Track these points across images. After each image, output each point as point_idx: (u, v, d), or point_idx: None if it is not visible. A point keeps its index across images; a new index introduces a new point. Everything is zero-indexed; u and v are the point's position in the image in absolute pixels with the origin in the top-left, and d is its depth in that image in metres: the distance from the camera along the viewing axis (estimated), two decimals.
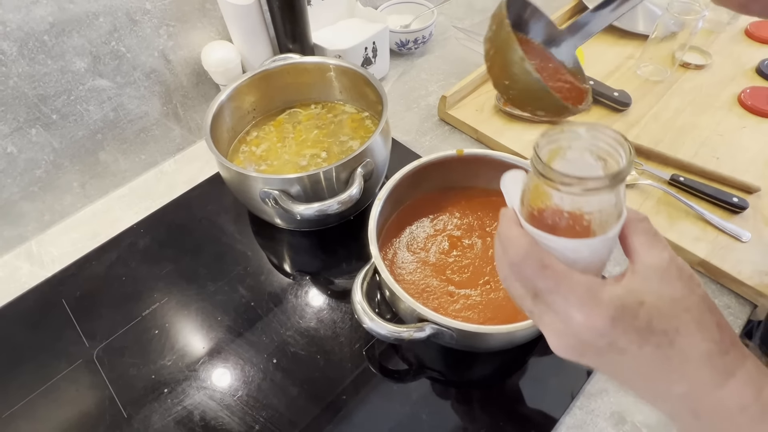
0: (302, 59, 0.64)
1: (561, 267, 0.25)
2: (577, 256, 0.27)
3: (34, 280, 0.58)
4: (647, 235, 0.27)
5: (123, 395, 0.48)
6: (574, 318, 0.25)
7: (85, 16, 0.53)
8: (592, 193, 0.25)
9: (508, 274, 0.28)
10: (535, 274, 0.26)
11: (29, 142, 0.56)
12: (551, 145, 0.27)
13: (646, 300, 0.24)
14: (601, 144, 0.26)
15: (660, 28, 0.71)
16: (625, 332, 0.24)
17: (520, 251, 0.26)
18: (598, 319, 0.24)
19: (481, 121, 0.71)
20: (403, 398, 0.47)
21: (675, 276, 0.25)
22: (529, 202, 0.28)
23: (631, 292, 0.24)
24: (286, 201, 0.50)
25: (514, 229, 0.27)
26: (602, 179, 0.24)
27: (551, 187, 0.25)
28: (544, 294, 0.26)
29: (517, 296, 0.28)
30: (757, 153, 0.65)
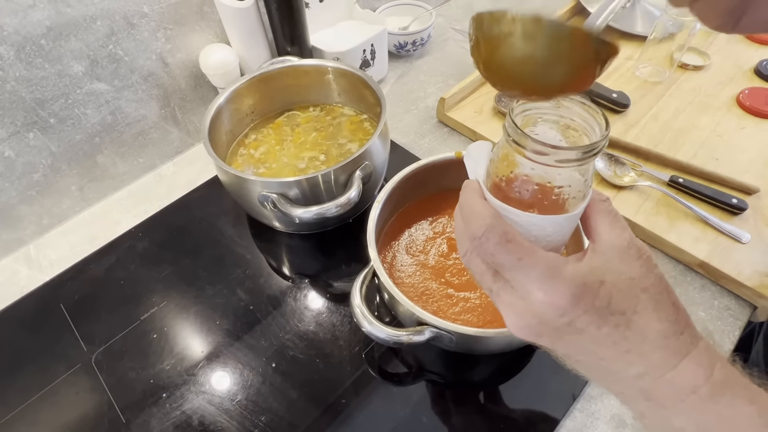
0: (300, 62, 0.64)
1: (525, 242, 0.25)
2: (540, 232, 0.26)
3: (33, 284, 0.58)
4: (609, 215, 0.26)
5: (121, 400, 0.48)
6: (534, 295, 0.24)
7: (83, 20, 0.53)
8: (564, 165, 0.24)
9: (469, 248, 0.27)
10: (497, 248, 0.25)
11: (27, 146, 0.56)
12: (524, 114, 0.26)
13: (606, 279, 0.24)
14: (575, 118, 0.26)
15: (658, 29, 0.71)
16: (585, 312, 0.23)
17: (482, 224, 0.25)
18: (559, 296, 0.23)
19: (479, 123, 0.71)
20: (402, 401, 0.47)
21: (634, 256, 0.25)
22: (496, 173, 0.27)
23: (592, 271, 0.24)
24: (284, 204, 0.50)
25: (477, 201, 0.27)
26: (575, 151, 0.24)
27: (522, 155, 0.25)
28: (505, 269, 0.25)
29: (476, 272, 0.27)
30: (757, 154, 0.65)
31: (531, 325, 0.25)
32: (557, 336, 0.25)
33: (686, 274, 0.55)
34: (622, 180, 0.62)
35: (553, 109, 0.26)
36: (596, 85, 0.71)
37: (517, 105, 0.26)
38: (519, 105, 0.26)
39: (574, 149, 0.24)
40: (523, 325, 0.25)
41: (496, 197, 0.27)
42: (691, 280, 0.55)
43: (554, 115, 0.27)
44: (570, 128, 0.27)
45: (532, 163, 0.25)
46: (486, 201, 0.27)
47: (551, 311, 0.24)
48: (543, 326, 0.25)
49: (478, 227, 0.25)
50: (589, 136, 0.26)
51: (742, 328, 0.52)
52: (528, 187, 0.26)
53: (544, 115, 0.27)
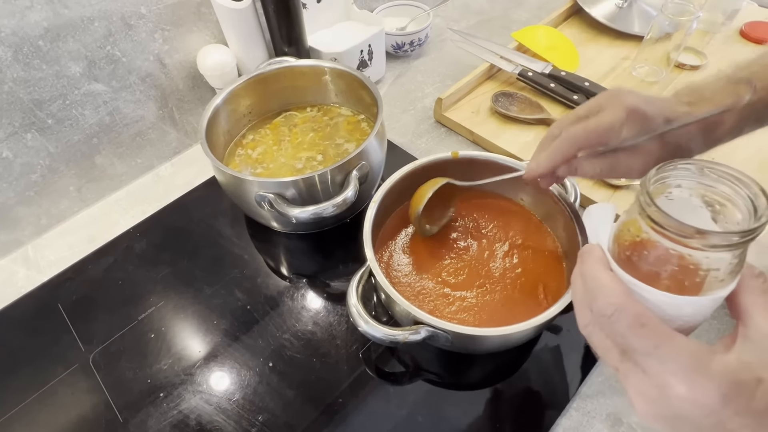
0: (298, 62, 0.64)
1: (661, 327, 0.22)
2: (676, 312, 0.24)
3: (31, 285, 0.58)
4: (764, 295, 0.23)
5: (119, 399, 0.48)
6: (674, 389, 0.22)
7: (80, 21, 0.54)
8: (714, 250, 0.21)
9: (592, 323, 0.25)
10: (630, 332, 0.23)
11: (25, 147, 0.56)
12: (660, 181, 0.24)
13: (764, 377, 0.21)
14: (719, 186, 0.23)
15: (655, 29, 0.71)
16: (738, 414, 0.21)
17: (612, 302, 0.23)
18: (706, 395, 0.21)
19: (477, 123, 0.71)
20: (399, 400, 0.47)
21: None
22: (626, 245, 0.24)
23: (746, 366, 0.21)
24: (281, 204, 0.50)
25: (603, 273, 0.24)
26: (730, 236, 0.21)
27: (661, 234, 0.22)
28: (637, 354, 0.23)
29: (600, 347, 0.25)
30: (752, 154, 0.65)
31: (666, 417, 0.23)
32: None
33: None
34: (618, 180, 0.62)
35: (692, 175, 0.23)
36: (593, 85, 0.72)
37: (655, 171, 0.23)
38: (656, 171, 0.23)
39: (727, 234, 0.21)
40: (656, 415, 0.23)
41: (625, 270, 0.24)
42: None
43: (694, 182, 0.23)
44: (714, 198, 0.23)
45: (672, 243, 0.22)
46: (613, 274, 0.25)
47: (695, 409, 0.21)
48: (682, 422, 0.22)
49: (607, 305, 0.23)
50: (738, 206, 0.22)
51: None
52: (665, 266, 0.23)
53: (682, 182, 0.24)
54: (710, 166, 0.23)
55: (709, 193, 0.23)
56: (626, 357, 0.24)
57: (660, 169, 0.24)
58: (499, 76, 0.78)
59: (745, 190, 0.22)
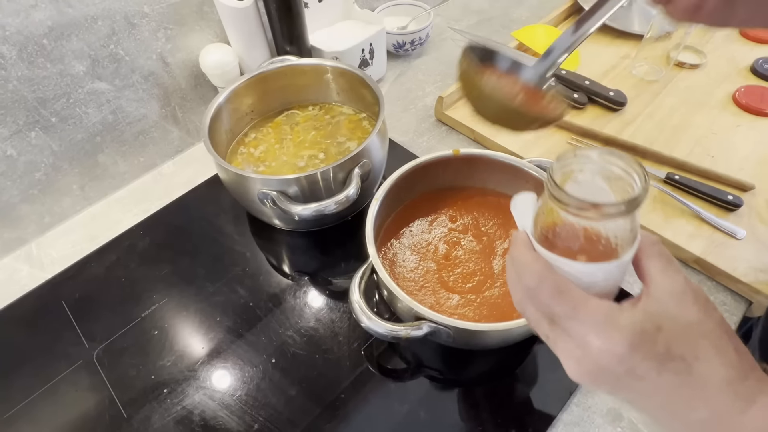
0: (299, 61, 0.64)
1: (578, 292, 0.25)
2: (591, 279, 0.26)
3: (34, 282, 0.58)
4: (661, 258, 0.26)
5: (123, 396, 0.49)
6: (592, 343, 0.24)
7: (84, 20, 0.54)
8: (609, 219, 0.25)
9: (523, 299, 0.27)
10: (552, 300, 0.25)
11: (29, 145, 0.57)
12: (564, 169, 0.27)
13: (663, 325, 0.24)
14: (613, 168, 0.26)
15: (655, 27, 0.72)
16: (644, 358, 0.23)
17: (535, 276, 0.26)
18: (617, 344, 0.24)
19: (477, 122, 0.71)
20: (401, 396, 0.48)
21: (691, 300, 0.25)
22: (543, 226, 0.27)
23: (648, 317, 0.24)
24: (283, 202, 0.51)
25: (527, 253, 0.27)
26: (618, 205, 0.24)
27: (566, 212, 0.25)
28: (560, 319, 0.26)
29: (532, 320, 0.28)
30: (752, 151, 0.66)
31: (590, 372, 0.25)
32: (617, 382, 0.25)
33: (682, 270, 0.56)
34: None
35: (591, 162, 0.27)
36: (593, 84, 0.72)
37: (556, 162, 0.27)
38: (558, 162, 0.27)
39: (616, 204, 0.24)
40: (583, 372, 0.26)
41: (544, 248, 0.27)
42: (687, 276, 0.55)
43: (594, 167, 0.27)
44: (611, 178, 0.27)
45: (576, 218, 0.25)
46: (536, 253, 0.27)
47: (610, 358, 0.24)
48: (602, 373, 0.25)
49: (531, 279, 0.26)
50: (630, 183, 0.26)
51: (738, 323, 0.52)
52: (575, 239, 0.26)
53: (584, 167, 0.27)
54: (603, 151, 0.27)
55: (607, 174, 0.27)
56: (554, 325, 0.26)
57: (561, 158, 0.27)
58: None
59: (630, 168, 0.26)
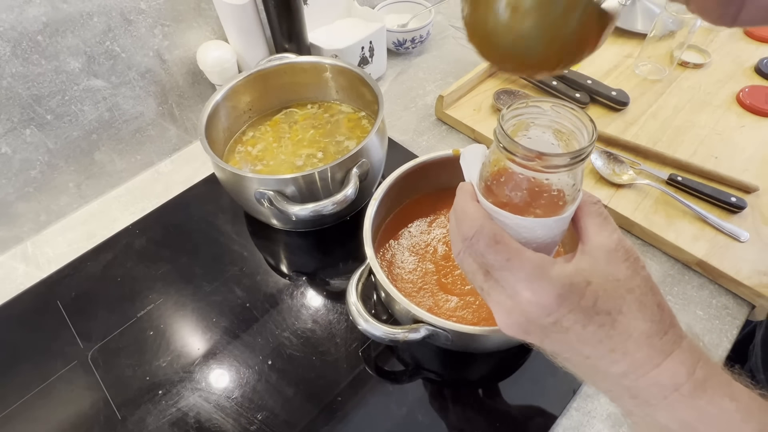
0: (298, 59, 0.63)
1: (513, 243, 0.26)
2: (530, 234, 0.27)
3: (30, 281, 0.58)
4: (599, 217, 0.27)
5: (117, 397, 0.48)
6: (521, 294, 0.25)
7: (79, 16, 0.53)
8: (552, 171, 0.25)
9: (461, 249, 0.27)
10: (487, 249, 0.26)
11: (24, 143, 0.56)
12: (515, 120, 0.27)
13: (592, 280, 0.24)
14: (564, 122, 0.26)
15: (658, 26, 0.71)
16: (570, 311, 0.24)
17: (473, 225, 0.26)
18: (545, 296, 0.24)
19: (478, 121, 0.71)
20: (399, 399, 0.47)
21: (622, 257, 0.25)
22: (488, 177, 0.28)
23: (579, 272, 0.25)
24: (281, 201, 0.50)
25: (469, 203, 0.28)
26: (563, 157, 0.24)
27: (512, 161, 0.25)
28: (494, 270, 0.26)
29: (468, 271, 0.28)
30: (756, 152, 0.65)
31: (519, 323, 0.26)
32: (544, 334, 0.26)
33: (684, 272, 0.55)
34: (620, 178, 0.62)
35: (543, 114, 0.27)
36: (595, 83, 0.71)
37: (508, 111, 0.26)
38: (509, 111, 0.26)
39: (561, 155, 0.24)
40: (512, 323, 0.26)
41: (488, 200, 0.27)
42: (689, 279, 0.55)
43: (546, 119, 0.27)
44: (561, 132, 0.27)
45: (521, 168, 0.25)
46: (478, 203, 0.28)
47: (538, 310, 0.25)
48: (530, 324, 0.25)
49: (469, 228, 0.26)
50: (579, 140, 0.26)
51: (740, 327, 0.51)
52: (518, 191, 0.26)
53: (535, 119, 0.27)
54: (556, 103, 0.26)
55: (557, 128, 0.27)
56: (488, 276, 0.27)
57: (512, 107, 0.26)
58: (500, 73, 0.78)
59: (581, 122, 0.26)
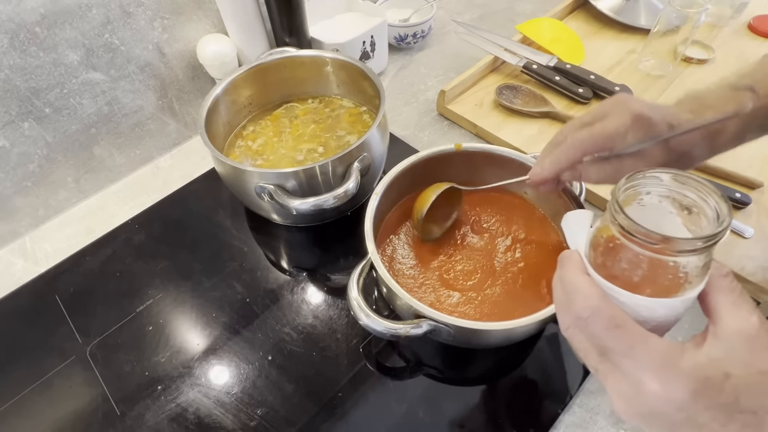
0: (299, 53, 0.63)
1: (635, 328, 0.23)
2: (650, 314, 0.24)
3: (28, 276, 0.57)
4: (732, 294, 0.24)
5: (116, 392, 0.48)
6: (647, 386, 0.23)
7: (78, 8, 0.53)
8: (680, 255, 0.22)
9: (572, 326, 0.26)
10: (606, 334, 0.24)
11: (22, 136, 0.55)
12: (630, 190, 0.25)
13: (732, 372, 0.22)
14: (687, 193, 0.24)
15: (662, 22, 0.70)
16: (707, 408, 0.22)
17: (588, 305, 0.24)
18: (677, 390, 0.22)
19: (480, 116, 0.70)
20: (400, 395, 0.47)
21: (765, 345, 0.22)
22: (600, 250, 0.25)
23: (715, 362, 0.22)
24: (281, 196, 0.49)
25: (581, 277, 0.25)
26: (694, 242, 0.22)
27: (631, 241, 0.23)
28: (614, 354, 0.24)
29: (580, 350, 0.26)
30: (760, 148, 0.63)
31: (642, 414, 0.24)
32: (672, 428, 0.23)
33: None
34: None
35: (661, 184, 0.25)
36: (598, 79, 0.70)
37: (623, 181, 0.24)
38: (624, 181, 0.24)
39: (691, 240, 0.22)
40: (634, 413, 0.24)
41: (601, 275, 0.25)
42: None
43: (664, 189, 0.25)
44: (682, 204, 0.25)
45: (641, 249, 0.23)
46: (589, 277, 0.26)
47: (667, 405, 0.22)
48: (657, 418, 0.23)
49: (584, 308, 0.24)
50: (705, 211, 0.23)
51: None
52: (638, 270, 0.24)
53: (653, 188, 0.25)
54: (677, 174, 0.24)
55: (678, 198, 0.25)
56: (604, 358, 0.24)
57: (630, 177, 0.25)
58: (503, 68, 0.77)
59: (710, 197, 0.23)
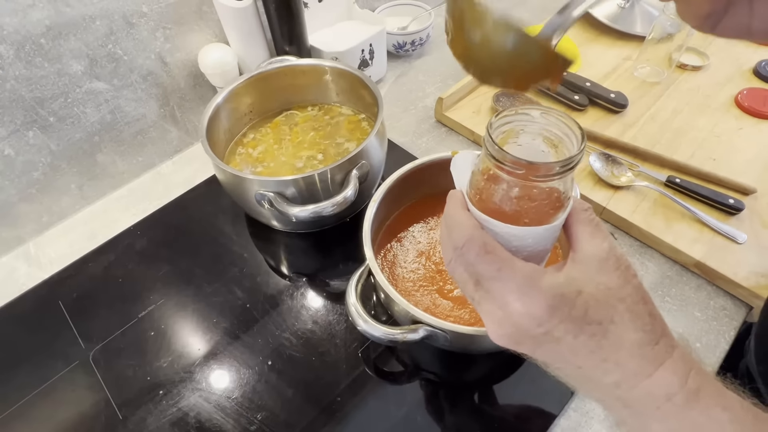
0: (299, 61, 0.64)
1: (503, 253, 0.25)
2: (521, 243, 0.27)
3: (32, 282, 0.58)
4: (590, 224, 0.27)
5: (118, 397, 0.48)
6: (512, 305, 0.25)
7: (82, 20, 0.54)
8: (542, 180, 0.25)
9: (452, 258, 0.27)
10: (478, 259, 0.25)
11: (27, 145, 0.56)
12: (504, 127, 0.27)
13: (584, 289, 0.24)
14: (554, 129, 0.26)
15: (657, 29, 0.71)
16: (561, 321, 0.24)
17: (464, 234, 0.26)
18: (536, 307, 0.24)
19: (478, 123, 0.71)
20: (398, 400, 0.47)
21: (613, 266, 0.25)
22: (478, 185, 0.27)
23: (570, 281, 0.24)
24: (281, 203, 0.50)
25: (460, 211, 0.27)
26: (552, 166, 0.24)
27: (501, 170, 0.25)
28: (485, 280, 0.26)
29: (459, 281, 0.28)
30: (754, 154, 0.65)
31: (510, 334, 0.26)
32: (536, 344, 0.25)
33: (682, 274, 0.56)
34: (619, 180, 0.62)
35: (533, 121, 0.27)
36: (594, 86, 0.71)
37: (496, 119, 0.26)
38: (497, 118, 0.26)
39: (550, 164, 0.24)
40: (502, 334, 0.26)
41: (478, 208, 0.27)
42: (687, 280, 0.55)
43: (535, 127, 0.27)
44: (551, 139, 0.27)
45: (510, 177, 0.25)
46: (469, 212, 0.27)
47: (529, 321, 0.24)
48: (521, 335, 0.25)
49: (460, 237, 0.26)
50: (568, 147, 0.26)
51: (738, 328, 0.52)
52: (509, 201, 0.26)
53: (525, 127, 0.27)
54: (546, 110, 0.26)
55: (548, 136, 0.26)
56: (479, 286, 0.26)
57: (502, 115, 0.26)
58: None
59: (569, 129, 0.25)
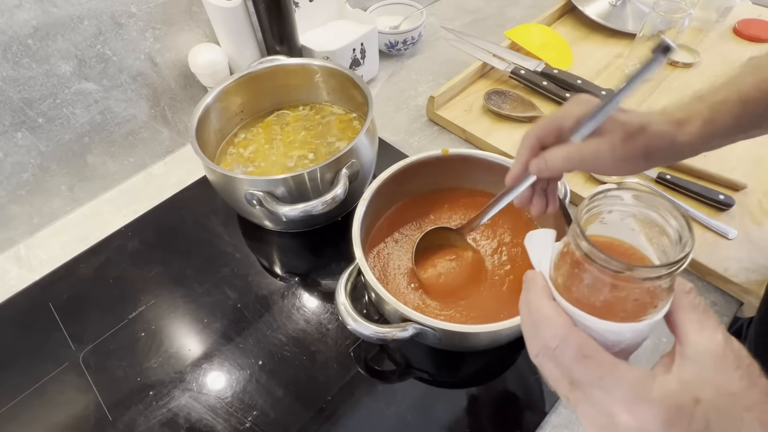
0: (289, 61, 0.64)
1: (604, 357, 0.23)
2: (618, 338, 0.24)
3: (22, 284, 0.58)
4: (696, 311, 0.23)
5: (108, 398, 0.48)
6: (619, 416, 0.22)
7: (70, 20, 0.54)
8: (645, 283, 0.22)
9: (540, 353, 0.25)
10: (575, 364, 0.23)
11: (15, 146, 0.56)
12: (592, 211, 0.24)
13: (702, 397, 0.21)
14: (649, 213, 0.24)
15: (647, 26, 0.71)
16: None
17: (556, 334, 0.24)
18: (649, 421, 0.21)
19: (469, 122, 0.71)
20: (389, 398, 0.47)
21: (733, 364, 0.22)
22: (565, 273, 0.25)
23: (684, 387, 0.22)
24: (270, 202, 0.50)
25: (547, 303, 0.25)
26: (658, 269, 0.21)
27: (594, 267, 0.22)
28: (583, 385, 0.23)
29: (550, 379, 0.25)
30: (744, 151, 0.65)
31: None
32: None
33: None
34: (610, 177, 0.62)
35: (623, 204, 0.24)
36: (585, 83, 0.71)
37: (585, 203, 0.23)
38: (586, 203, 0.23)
39: (655, 268, 0.21)
40: None
41: (566, 299, 0.25)
42: None
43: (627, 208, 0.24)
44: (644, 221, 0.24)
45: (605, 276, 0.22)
46: (556, 304, 0.25)
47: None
48: None
49: (551, 337, 0.24)
50: (668, 231, 0.23)
51: (728, 324, 0.52)
52: (602, 295, 0.23)
53: (615, 208, 0.24)
54: (639, 192, 0.24)
55: (640, 217, 0.24)
56: (575, 388, 0.24)
57: (591, 198, 0.24)
58: (492, 74, 0.78)
59: (672, 218, 0.23)
